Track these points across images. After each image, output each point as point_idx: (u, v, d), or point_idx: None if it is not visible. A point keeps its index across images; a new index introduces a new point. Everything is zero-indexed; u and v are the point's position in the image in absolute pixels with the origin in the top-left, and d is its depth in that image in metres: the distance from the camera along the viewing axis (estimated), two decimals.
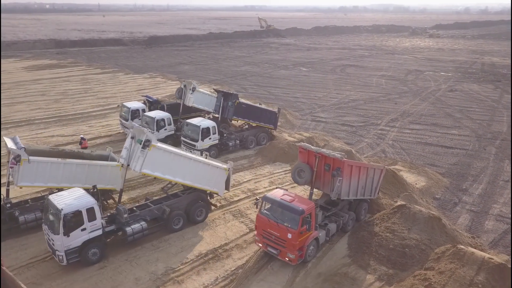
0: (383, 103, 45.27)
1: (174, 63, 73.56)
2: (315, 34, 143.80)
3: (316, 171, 17.81)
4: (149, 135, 16.91)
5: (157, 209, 18.25)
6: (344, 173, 17.24)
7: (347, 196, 18.19)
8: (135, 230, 16.87)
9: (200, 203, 19.39)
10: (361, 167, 18.62)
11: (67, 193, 15.98)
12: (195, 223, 19.07)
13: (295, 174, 18.33)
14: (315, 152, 17.82)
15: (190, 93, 30.74)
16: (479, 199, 23.13)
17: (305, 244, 15.95)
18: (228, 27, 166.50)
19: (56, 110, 39.52)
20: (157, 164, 17.31)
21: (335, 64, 74.54)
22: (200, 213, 19.34)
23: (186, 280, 15.43)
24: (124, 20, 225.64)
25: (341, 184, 17.23)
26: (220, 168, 19.41)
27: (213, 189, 19.55)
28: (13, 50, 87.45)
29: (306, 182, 18.09)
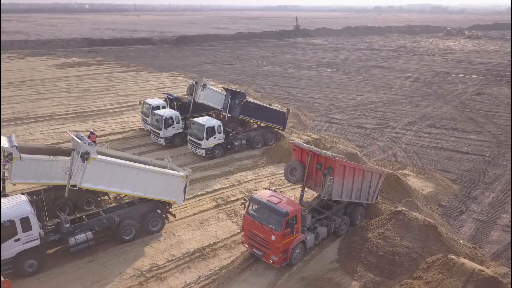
0: (403, 106, 44.04)
1: (198, 62, 74.40)
2: (345, 35, 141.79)
3: (308, 169, 17.54)
4: (86, 147, 15.89)
5: (107, 218, 17.24)
6: (335, 172, 16.88)
7: (339, 197, 17.80)
8: (79, 241, 16.02)
9: (156, 213, 18.36)
10: (356, 168, 18.18)
11: (6, 200, 15.37)
12: (150, 234, 18.11)
13: (287, 172, 18.14)
14: (307, 150, 17.56)
15: (201, 89, 30.78)
16: (489, 208, 22.09)
17: (289, 247, 15.72)
18: (257, 27, 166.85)
19: (77, 106, 40.79)
20: (100, 177, 16.38)
21: (360, 65, 73.19)
22: (156, 224, 18.30)
23: (169, 278, 15.54)
24: (157, 19, 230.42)
25: (332, 183, 16.87)
26: (176, 176, 18.24)
27: (169, 198, 18.42)
28: (47, 48, 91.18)
29: (298, 180, 17.85)
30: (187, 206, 21.05)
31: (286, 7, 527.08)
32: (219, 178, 24.53)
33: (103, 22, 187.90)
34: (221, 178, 24.54)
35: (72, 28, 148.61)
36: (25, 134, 31.90)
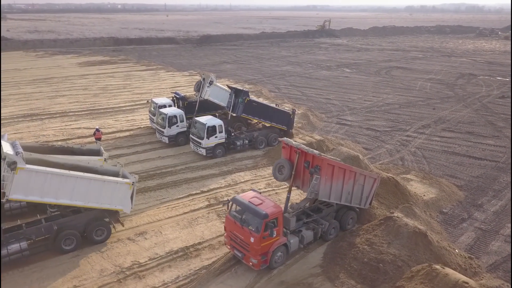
0: (419, 108, 42.72)
1: (218, 61, 74.73)
2: (371, 35, 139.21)
3: (296, 168, 17.21)
4: (11, 156, 14.88)
5: (46, 227, 16.25)
6: (323, 172, 16.48)
7: (327, 198, 17.38)
8: (11, 251, 15.14)
9: (102, 222, 17.36)
10: (346, 170, 17.69)
11: None
12: (94, 244, 17.20)
13: (275, 170, 17.88)
14: (295, 147, 17.25)
15: (207, 86, 30.83)
16: (493, 217, 21.05)
17: (269, 250, 15.44)
18: (283, 26, 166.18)
19: (92, 104, 41.70)
20: (30, 187, 15.32)
21: (382, 66, 71.60)
22: (101, 233, 17.34)
23: (148, 276, 15.57)
24: (186, 19, 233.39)
25: (319, 182, 16.46)
26: (121, 183, 17.19)
27: (115, 206, 17.36)
28: (75, 47, 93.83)
29: (285, 178, 17.55)
30: (179, 205, 21.11)
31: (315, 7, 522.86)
32: (217, 178, 24.46)
33: (132, 22, 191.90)
34: (219, 178, 24.47)
35: (101, 27, 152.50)
36: (37, 130, 32.82)
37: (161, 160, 27.10)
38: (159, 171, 25.31)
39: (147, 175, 24.61)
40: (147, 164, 26.40)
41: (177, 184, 23.55)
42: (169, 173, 25.02)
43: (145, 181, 23.86)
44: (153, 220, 19.53)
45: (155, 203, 21.20)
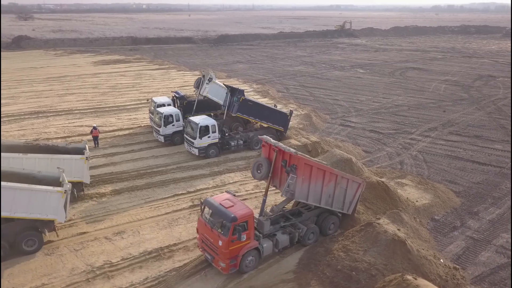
0: (429, 110, 41.43)
1: (231, 61, 74.67)
2: (392, 35, 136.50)
3: (274, 166, 16.82)
4: None
5: None
6: (299, 171, 16.05)
7: (305, 200, 16.93)
8: None
9: (33, 232, 16.43)
10: (326, 171, 17.16)
11: None
12: (24, 254, 16.36)
13: (254, 168, 17.54)
14: (273, 145, 16.88)
15: (206, 83, 30.75)
16: (488, 226, 20.07)
17: (239, 254, 15.10)
18: (303, 26, 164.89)
19: (98, 102, 42.23)
20: None
21: (398, 66, 69.96)
22: (32, 243, 16.42)
23: (117, 276, 15.48)
24: (207, 19, 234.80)
25: (295, 182, 16.02)
26: (51, 191, 16.33)
27: (46, 216, 16.47)
28: (94, 46, 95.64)
29: (263, 177, 17.20)
30: (163, 205, 21.00)
31: (338, 7, 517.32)
32: (206, 178, 24.26)
33: (154, 22, 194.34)
34: (208, 178, 24.26)
35: (123, 27, 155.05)
36: (41, 127, 33.41)
37: (154, 159, 27.11)
38: (149, 170, 25.30)
39: (137, 174, 24.66)
40: (140, 163, 26.45)
41: (165, 183, 23.47)
42: (159, 173, 24.98)
43: (134, 180, 23.92)
44: (134, 220, 19.48)
45: (139, 203, 21.16)
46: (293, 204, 19.78)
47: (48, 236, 17.38)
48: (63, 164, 19.21)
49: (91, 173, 24.32)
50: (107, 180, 23.72)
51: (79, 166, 19.80)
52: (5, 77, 54.59)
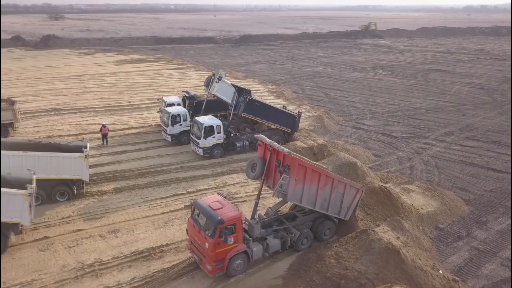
0: (448, 114, 40.07)
1: (250, 61, 74.58)
2: (418, 36, 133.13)
3: (268, 166, 16.54)
4: None
5: None
6: (293, 172, 15.71)
7: (298, 202, 16.57)
8: None
9: None
10: (322, 174, 16.72)
11: None
12: None
13: (248, 167, 17.30)
14: (268, 145, 16.61)
15: (216, 81, 30.95)
16: (495, 237, 19.11)
17: (226, 257, 14.87)
18: (327, 27, 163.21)
19: (114, 101, 42.90)
20: None
21: (421, 68, 68.13)
22: None
23: (105, 275, 15.53)
24: (232, 19, 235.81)
25: (287, 183, 15.67)
26: (15, 194, 16.03)
27: (10, 219, 16.20)
28: (118, 45, 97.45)
29: (256, 176, 16.91)
30: (161, 204, 21.03)
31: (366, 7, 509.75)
32: (207, 179, 24.16)
33: (180, 22, 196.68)
34: (209, 179, 24.16)
35: (148, 27, 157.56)
36: (55, 124, 34.18)
37: (160, 158, 27.23)
38: (153, 169, 25.43)
39: (140, 173, 24.83)
40: (145, 161, 26.63)
41: (166, 183, 23.52)
42: (162, 172, 25.06)
43: (137, 178, 24.07)
44: (130, 219, 19.57)
45: (138, 201, 21.26)
46: (290, 207, 19.44)
47: (14, 240, 17.23)
48: (63, 162, 19.59)
49: (97, 171, 24.87)
50: (111, 178, 23.96)
51: (78, 164, 20.03)
52: (28, 75, 56.39)
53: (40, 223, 18.92)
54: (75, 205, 20.66)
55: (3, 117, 29.13)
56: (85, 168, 20.22)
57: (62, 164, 19.56)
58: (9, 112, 29.81)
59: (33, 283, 14.95)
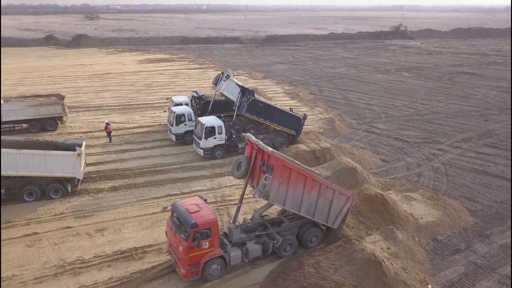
0: (469, 119, 38.25)
1: (272, 62, 74.13)
2: (452, 37, 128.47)
3: (253, 165, 16.18)
4: None
5: None
6: (276, 173, 15.29)
7: (282, 204, 16.13)
8: None
9: None
10: (308, 177, 16.18)
11: None
12: None
13: (234, 166, 17.00)
14: (254, 144, 16.27)
15: (224, 80, 30.98)
16: (497, 251, 17.94)
17: (200, 261, 14.60)
18: (357, 27, 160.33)
19: (130, 99, 43.56)
20: None
21: (448, 70, 65.59)
22: None
23: (84, 274, 15.60)
24: (262, 19, 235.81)
25: (270, 183, 15.24)
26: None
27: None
28: (145, 45, 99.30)
29: (241, 175, 16.59)
30: (153, 204, 21.02)
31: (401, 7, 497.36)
32: (204, 180, 24.00)
33: (209, 22, 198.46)
34: (206, 180, 23.99)
35: (178, 27, 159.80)
36: (68, 122, 34.92)
37: (162, 157, 27.32)
38: (153, 168, 25.52)
39: (140, 172, 24.97)
40: (147, 160, 26.79)
41: (163, 183, 23.54)
42: (162, 171, 25.12)
43: (135, 177, 24.22)
44: (120, 218, 19.65)
45: (131, 201, 21.35)
46: (278, 212, 18.99)
47: None
48: (56, 160, 19.91)
49: (98, 169, 25.25)
50: (110, 176, 24.23)
51: (71, 162, 20.30)
52: (54, 73, 58.25)
53: (33, 219, 19.31)
54: (70, 202, 20.97)
55: (53, 111, 32.06)
56: (78, 166, 20.48)
57: (56, 162, 19.89)
58: (58, 106, 32.32)
59: (13, 278, 15.20)
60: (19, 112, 31.14)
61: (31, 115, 31.44)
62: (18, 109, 31.16)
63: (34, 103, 31.78)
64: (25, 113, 31.30)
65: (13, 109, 31.04)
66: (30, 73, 57.85)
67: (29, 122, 31.68)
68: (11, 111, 30.94)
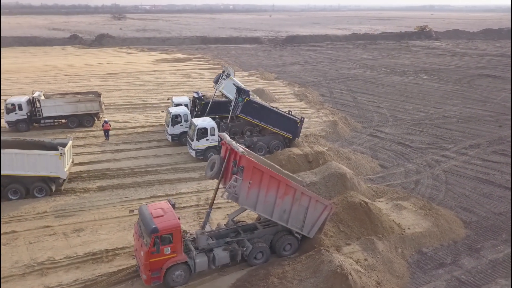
0: (481, 124, 36.57)
1: (288, 62, 73.44)
2: (480, 38, 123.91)
3: (226, 166, 15.82)
4: None
5: None
6: (247, 174, 14.89)
7: (252, 208, 15.71)
8: None
9: None
10: (281, 182, 15.66)
11: None
12: None
13: (207, 166, 16.68)
14: (227, 143, 15.91)
15: (223, 78, 30.89)
16: (485, 267, 16.87)
17: (162, 267, 14.31)
18: (382, 27, 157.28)
19: (138, 99, 43.94)
20: None
21: (470, 73, 63.14)
22: None
23: (51, 275, 15.60)
24: (286, 19, 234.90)
25: (239, 185, 14.83)
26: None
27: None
28: (165, 44, 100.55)
29: (213, 175, 16.28)
30: (135, 206, 20.79)
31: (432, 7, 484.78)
32: (192, 182, 23.75)
33: (233, 21, 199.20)
34: (194, 183, 23.73)
35: (201, 27, 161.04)
36: None
37: (155, 158, 27.28)
38: (144, 169, 25.50)
39: (130, 172, 24.99)
40: (139, 161, 26.80)
41: (150, 184, 23.46)
42: (152, 172, 25.06)
43: (124, 178, 24.25)
44: (100, 218, 19.65)
45: (115, 201, 21.33)
46: (256, 218, 18.52)
47: None
48: (39, 160, 20.10)
49: (90, 168, 25.45)
50: (100, 176, 24.35)
51: (54, 161, 20.43)
52: (71, 72, 59.56)
53: (15, 217, 19.55)
54: (55, 201, 21.15)
55: (91, 108, 33.59)
56: (61, 166, 20.61)
57: (39, 161, 20.10)
58: (96, 103, 33.77)
59: None
60: (59, 108, 32.72)
61: (70, 111, 32.90)
62: (58, 105, 32.75)
63: (73, 100, 33.32)
64: (65, 109, 32.83)
65: (53, 105, 32.76)
66: (48, 72, 59.37)
67: (68, 118, 33.06)
68: (52, 107, 32.72)
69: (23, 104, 31.94)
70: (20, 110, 31.92)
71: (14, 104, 31.88)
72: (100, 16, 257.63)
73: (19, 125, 32.25)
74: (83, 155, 27.66)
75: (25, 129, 32.44)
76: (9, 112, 31.87)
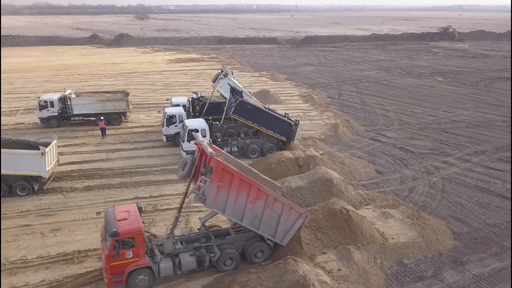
0: (492, 130, 35.07)
1: (301, 63, 72.70)
2: (506, 39, 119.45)
3: (197, 167, 15.56)
4: None
5: None
6: (216, 176, 14.55)
7: (221, 211, 15.38)
8: None
9: None
10: (252, 186, 15.27)
11: None
12: None
13: (180, 166, 16.44)
14: (199, 144, 15.69)
15: (221, 77, 30.83)
16: (468, 282, 15.99)
17: (124, 271, 14.14)
18: (405, 28, 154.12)
19: (144, 98, 44.29)
20: None
21: (489, 75, 60.97)
22: None
23: (19, 274, 15.66)
24: (308, 19, 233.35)
25: (207, 186, 14.53)
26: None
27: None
28: (183, 44, 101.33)
29: (184, 176, 15.99)
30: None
31: (461, 7, 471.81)
32: (178, 184, 23.52)
33: (254, 21, 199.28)
34: (180, 184, 23.46)
35: (221, 27, 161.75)
36: None
37: (147, 159, 27.29)
38: (134, 169, 25.52)
39: (120, 172, 25.05)
40: (131, 161, 26.86)
41: (137, 185, 23.43)
42: (141, 173, 25.05)
43: (113, 178, 24.31)
44: (79, 218, 19.70)
45: (99, 202, 21.37)
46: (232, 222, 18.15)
47: None
48: (21, 159, 20.30)
49: (82, 167, 25.68)
50: (89, 176, 24.50)
51: (36, 160, 20.63)
52: (84, 71, 60.67)
53: None
54: (41, 200, 21.38)
55: (118, 107, 34.33)
56: (43, 165, 20.78)
57: (21, 160, 20.32)
58: (123, 102, 34.60)
59: None
60: (88, 106, 33.68)
61: (98, 110, 33.60)
62: (87, 103, 33.75)
63: (102, 99, 34.16)
64: (93, 107, 33.67)
65: (83, 103, 33.70)
66: (63, 71, 60.64)
67: (96, 116, 33.43)
68: (82, 105, 33.66)
69: (55, 102, 33.12)
70: (52, 107, 33.12)
71: (46, 101, 33.12)
72: (125, 16, 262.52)
73: (50, 121, 33.43)
74: (78, 154, 27.96)
75: (56, 125, 33.54)
76: (41, 109, 33.10)
